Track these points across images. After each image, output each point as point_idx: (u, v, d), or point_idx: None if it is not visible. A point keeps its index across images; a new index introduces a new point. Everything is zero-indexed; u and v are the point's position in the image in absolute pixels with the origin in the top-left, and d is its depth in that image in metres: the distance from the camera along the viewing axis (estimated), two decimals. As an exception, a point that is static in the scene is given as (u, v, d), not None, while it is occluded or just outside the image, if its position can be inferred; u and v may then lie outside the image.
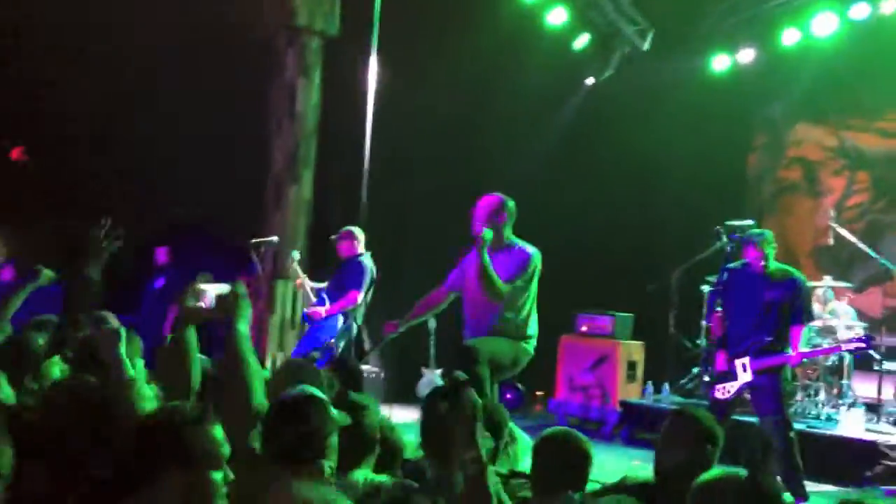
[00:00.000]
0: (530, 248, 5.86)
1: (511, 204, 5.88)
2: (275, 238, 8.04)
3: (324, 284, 7.79)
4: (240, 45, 9.66)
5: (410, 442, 3.79)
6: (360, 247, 7.61)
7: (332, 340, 7.20)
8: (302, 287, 7.75)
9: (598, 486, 3.48)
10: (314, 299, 7.56)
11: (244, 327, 3.17)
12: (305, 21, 9.73)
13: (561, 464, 3.27)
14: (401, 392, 8.85)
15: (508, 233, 5.89)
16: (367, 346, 7.55)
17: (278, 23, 9.81)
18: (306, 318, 7.50)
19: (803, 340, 6.27)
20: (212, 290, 7.57)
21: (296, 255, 7.81)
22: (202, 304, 3.63)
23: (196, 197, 9.77)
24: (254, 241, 7.68)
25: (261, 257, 7.71)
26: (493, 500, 2.72)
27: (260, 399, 3.12)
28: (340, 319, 7.37)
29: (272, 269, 8.62)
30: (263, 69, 9.87)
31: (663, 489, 3.33)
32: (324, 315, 7.34)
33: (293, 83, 9.82)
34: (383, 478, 3.23)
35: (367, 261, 7.54)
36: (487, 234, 5.65)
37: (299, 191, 9.78)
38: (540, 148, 10.46)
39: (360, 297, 7.36)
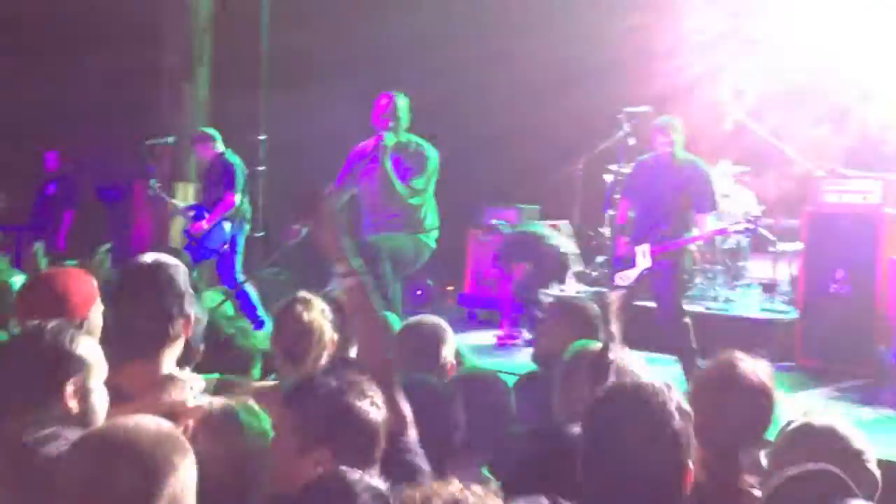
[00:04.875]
0: (429, 150, 5.85)
1: (405, 102, 5.83)
2: (170, 138, 7.76)
3: (190, 202, 7.55)
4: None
5: None
6: (219, 145, 7.35)
7: (225, 245, 7.03)
8: (172, 209, 7.45)
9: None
10: (190, 215, 7.29)
11: None
12: None
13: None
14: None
15: (404, 131, 5.85)
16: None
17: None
18: (189, 236, 7.22)
19: (708, 227, 6.41)
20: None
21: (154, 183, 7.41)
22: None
23: (87, 98, 9.38)
24: (148, 141, 7.39)
25: (157, 158, 7.44)
26: (376, 306, 2.69)
27: None
28: (227, 226, 7.18)
29: (169, 170, 8.35)
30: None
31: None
32: (206, 227, 7.14)
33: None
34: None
35: (232, 157, 7.31)
36: (389, 139, 5.61)
37: (195, 89, 9.44)
38: (445, 40, 10.25)
39: (238, 197, 7.17)
